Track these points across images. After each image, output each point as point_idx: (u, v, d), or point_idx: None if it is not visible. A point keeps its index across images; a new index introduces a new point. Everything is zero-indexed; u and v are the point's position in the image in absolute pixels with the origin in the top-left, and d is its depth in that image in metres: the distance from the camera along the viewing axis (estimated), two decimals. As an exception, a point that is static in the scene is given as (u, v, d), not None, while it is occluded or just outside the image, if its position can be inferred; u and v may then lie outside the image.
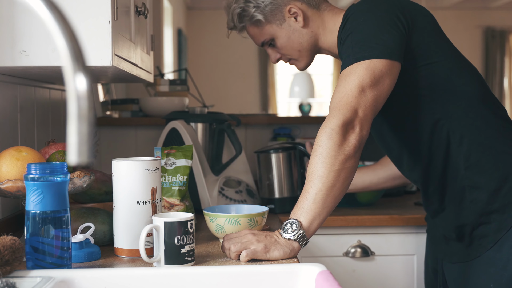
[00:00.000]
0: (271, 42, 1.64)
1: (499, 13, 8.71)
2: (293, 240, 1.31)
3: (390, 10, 1.46)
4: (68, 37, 0.73)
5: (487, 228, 1.50)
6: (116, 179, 1.37)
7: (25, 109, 1.75)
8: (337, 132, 1.33)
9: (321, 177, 1.32)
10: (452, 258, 1.59)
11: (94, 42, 1.33)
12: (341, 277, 2.00)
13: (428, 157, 1.55)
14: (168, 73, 3.84)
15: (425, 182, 1.60)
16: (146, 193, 1.35)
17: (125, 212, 1.35)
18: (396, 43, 1.42)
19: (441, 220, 1.60)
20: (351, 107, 1.35)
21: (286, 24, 1.60)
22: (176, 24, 6.64)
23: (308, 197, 1.33)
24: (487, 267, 1.51)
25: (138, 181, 1.35)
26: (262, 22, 1.61)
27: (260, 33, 1.64)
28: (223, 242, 1.35)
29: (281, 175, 2.10)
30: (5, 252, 1.08)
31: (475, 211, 1.51)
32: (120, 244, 1.36)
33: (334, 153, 1.33)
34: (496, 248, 1.50)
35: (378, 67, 1.38)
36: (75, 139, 0.72)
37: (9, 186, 1.28)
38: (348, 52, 1.42)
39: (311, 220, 1.33)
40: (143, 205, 1.35)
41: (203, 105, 2.70)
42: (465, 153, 1.50)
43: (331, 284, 1.06)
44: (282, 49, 1.64)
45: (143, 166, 1.35)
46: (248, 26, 1.65)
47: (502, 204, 1.49)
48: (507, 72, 8.98)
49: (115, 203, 1.37)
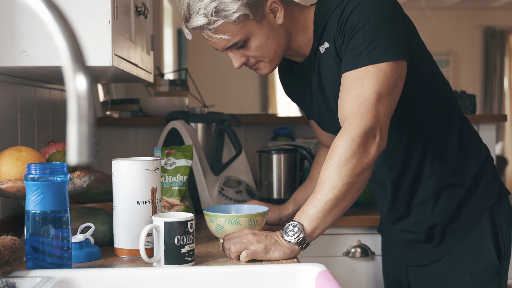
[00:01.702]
0: (243, 43, 1.42)
1: (499, 13, 8.70)
2: (293, 243, 1.31)
3: (396, 5, 1.41)
4: (68, 37, 0.73)
5: (457, 223, 1.51)
6: (116, 179, 1.36)
7: (25, 109, 1.75)
8: (358, 143, 1.28)
9: (333, 187, 1.29)
10: (420, 261, 1.58)
11: (94, 42, 1.33)
12: (341, 277, 2.00)
13: (405, 158, 1.52)
14: (168, 73, 3.84)
15: (397, 185, 1.55)
16: (146, 193, 1.35)
17: (125, 212, 1.35)
18: (404, 42, 1.36)
19: (405, 225, 1.59)
20: (371, 116, 1.29)
21: (265, 21, 1.41)
22: (176, 24, 6.63)
23: (316, 204, 1.31)
24: (459, 260, 1.51)
25: (138, 181, 1.35)
26: (245, 18, 1.38)
27: (236, 32, 1.39)
28: (223, 242, 1.35)
29: (280, 176, 2.10)
30: (5, 252, 1.08)
31: (449, 209, 1.52)
32: (120, 244, 1.36)
33: (352, 165, 1.28)
34: (466, 240, 1.50)
35: (394, 70, 1.32)
36: (75, 139, 0.72)
37: (9, 186, 1.28)
38: (359, 49, 1.33)
39: (315, 227, 1.32)
40: (143, 205, 1.35)
41: (203, 105, 2.70)
42: (442, 154, 1.50)
43: (331, 284, 1.06)
44: (257, 50, 1.43)
45: (143, 166, 1.35)
46: (222, 24, 1.38)
47: (474, 199, 1.51)
48: (507, 72, 8.97)
49: (115, 203, 1.37)
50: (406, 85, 1.39)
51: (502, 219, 1.51)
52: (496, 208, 1.51)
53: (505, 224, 1.52)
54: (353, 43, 1.34)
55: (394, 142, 1.49)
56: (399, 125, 1.47)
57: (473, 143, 1.56)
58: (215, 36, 1.40)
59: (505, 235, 1.51)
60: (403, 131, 1.49)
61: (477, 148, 1.56)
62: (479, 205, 1.51)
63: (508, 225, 1.53)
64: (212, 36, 1.40)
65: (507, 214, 1.53)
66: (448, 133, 1.52)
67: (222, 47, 1.44)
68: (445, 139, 1.51)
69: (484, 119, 2.56)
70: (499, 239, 1.50)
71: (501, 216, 1.51)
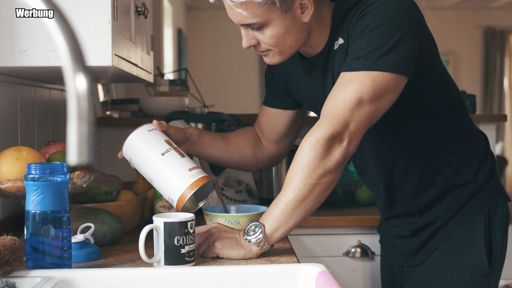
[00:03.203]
0: (260, 26, 1.37)
1: (499, 13, 8.71)
2: (252, 243, 1.33)
3: (416, 17, 1.34)
4: (68, 37, 0.73)
5: (451, 222, 1.52)
6: (135, 158, 1.44)
7: (25, 109, 1.75)
8: (322, 144, 1.28)
9: (294, 187, 1.30)
10: (415, 261, 1.58)
11: (94, 42, 1.33)
12: (341, 277, 2.00)
13: (404, 159, 1.51)
14: (168, 73, 3.84)
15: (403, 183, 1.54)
16: (164, 145, 1.42)
17: (162, 170, 1.40)
18: (412, 58, 1.31)
19: (399, 221, 1.59)
20: (343, 120, 1.28)
21: (291, 14, 1.36)
22: (176, 24, 6.64)
23: (278, 205, 1.32)
24: (449, 258, 1.51)
25: (150, 141, 1.42)
26: (272, 4, 1.33)
27: (257, 13, 1.34)
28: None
29: (281, 176, 2.10)
30: (5, 252, 1.08)
31: (446, 209, 1.52)
32: (178, 191, 1.39)
33: (314, 166, 1.28)
34: (458, 239, 1.50)
35: (386, 81, 1.28)
36: (75, 139, 0.72)
37: (9, 186, 1.28)
38: (359, 53, 1.30)
39: (276, 228, 1.33)
40: (169, 153, 1.41)
41: (203, 105, 2.70)
42: (443, 159, 1.50)
43: (331, 284, 1.06)
44: (270, 39, 1.38)
45: (144, 129, 1.44)
46: (247, 2, 1.33)
47: (472, 201, 1.51)
48: (507, 72, 8.98)
49: (150, 175, 1.42)
50: (416, 96, 1.40)
51: (497, 223, 1.51)
52: (492, 212, 1.51)
53: (500, 228, 1.51)
54: (356, 45, 1.32)
55: (393, 145, 1.50)
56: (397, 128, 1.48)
57: (477, 146, 1.55)
58: (235, 9, 1.34)
59: (498, 239, 1.51)
60: (398, 133, 1.50)
61: (481, 151, 1.55)
62: (477, 206, 1.51)
63: (502, 230, 1.52)
64: (233, 8, 1.35)
65: (503, 218, 1.52)
66: (452, 134, 1.51)
67: (238, 22, 1.38)
68: (445, 140, 1.51)
69: (484, 119, 2.56)
70: (492, 242, 1.50)
71: (496, 220, 1.51)
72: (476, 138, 1.56)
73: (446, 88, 1.49)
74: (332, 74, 1.45)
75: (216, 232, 1.36)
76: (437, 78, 1.46)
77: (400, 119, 1.46)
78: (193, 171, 1.41)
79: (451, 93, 1.50)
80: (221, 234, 1.35)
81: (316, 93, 1.51)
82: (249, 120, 2.58)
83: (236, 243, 1.33)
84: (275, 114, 1.70)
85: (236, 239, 1.34)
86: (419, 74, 1.37)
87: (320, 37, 1.44)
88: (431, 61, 1.43)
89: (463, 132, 1.52)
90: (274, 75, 1.67)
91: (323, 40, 1.45)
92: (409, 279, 1.59)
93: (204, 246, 1.34)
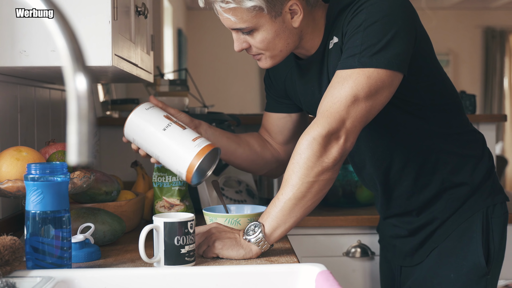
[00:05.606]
0: (249, 31, 1.38)
1: (499, 13, 8.70)
2: (252, 243, 1.33)
3: (410, 14, 1.35)
4: (68, 37, 0.73)
5: (449, 222, 1.52)
6: (138, 139, 1.44)
7: (25, 109, 1.75)
8: (319, 142, 1.28)
9: (293, 186, 1.30)
10: (413, 261, 1.58)
11: (94, 42, 1.33)
12: (341, 277, 2.00)
13: (402, 156, 1.51)
14: (168, 73, 3.84)
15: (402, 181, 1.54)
16: (164, 120, 1.43)
17: (166, 144, 1.41)
18: (405, 55, 1.32)
19: (396, 220, 1.60)
20: (339, 117, 1.28)
21: (280, 19, 1.37)
22: (176, 24, 6.64)
23: (277, 204, 1.33)
24: (447, 257, 1.51)
25: (150, 119, 1.43)
26: (260, 10, 1.34)
27: (246, 19, 1.36)
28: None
29: (280, 176, 2.10)
30: (5, 252, 1.08)
31: (444, 209, 1.52)
32: (186, 162, 1.40)
33: (311, 164, 1.29)
34: (456, 239, 1.50)
35: (381, 77, 1.29)
36: (75, 139, 0.72)
37: (9, 186, 1.28)
38: (354, 51, 1.30)
39: (275, 227, 1.33)
40: (170, 128, 1.42)
41: (203, 105, 2.70)
42: (440, 158, 1.50)
43: (331, 284, 1.06)
44: (261, 43, 1.39)
45: (142, 108, 1.45)
46: (235, 8, 1.34)
47: (470, 200, 1.51)
48: (507, 72, 8.98)
49: (155, 151, 1.43)
50: (413, 94, 1.39)
51: (495, 223, 1.51)
52: (490, 211, 1.51)
53: (498, 229, 1.51)
54: (351, 42, 1.32)
55: (392, 143, 1.50)
56: (395, 127, 1.48)
57: (474, 146, 1.56)
58: (224, 14, 1.36)
59: (496, 239, 1.51)
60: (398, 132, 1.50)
61: (478, 151, 1.55)
62: (474, 206, 1.51)
63: (500, 230, 1.52)
64: (222, 13, 1.36)
65: (502, 218, 1.52)
66: (448, 133, 1.52)
67: (228, 26, 1.40)
68: (444, 139, 1.51)
69: (484, 119, 2.56)
70: (490, 242, 1.50)
71: (494, 220, 1.51)
72: (473, 137, 1.56)
73: (443, 87, 1.49)
74: (327, 73, 1.46)
75: (216, 232, 1.36)
76: (433, 75, 1.46)
77: (396, 118, 1.46)
78: (197, 141, 1.41)
79: (447, 92, 1.51)
80: (221, 234, 1.35)
81: (313, 94, 1.52)
82: (249, 120, 2.58)
83: (236, 243, 1.33)
84: (278, 119, 1.70)
85: (236, 239, 1.34)
86: (415, 71, 1.38)
87: (313, 39, 1.45)
88: (427, 58, 1.43)
89: (459, 131, 1.53)
90: (273, 79, 1.67)
91: (316, 42, 1.46)
92: (407, 279, 1.59)
93: (204, 246, 1.34)
